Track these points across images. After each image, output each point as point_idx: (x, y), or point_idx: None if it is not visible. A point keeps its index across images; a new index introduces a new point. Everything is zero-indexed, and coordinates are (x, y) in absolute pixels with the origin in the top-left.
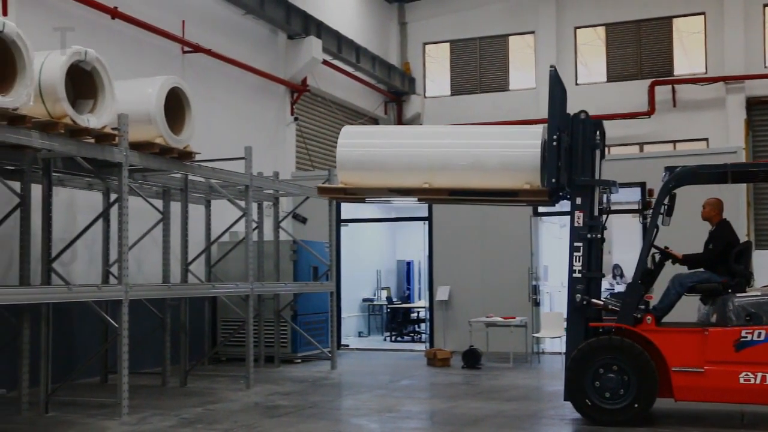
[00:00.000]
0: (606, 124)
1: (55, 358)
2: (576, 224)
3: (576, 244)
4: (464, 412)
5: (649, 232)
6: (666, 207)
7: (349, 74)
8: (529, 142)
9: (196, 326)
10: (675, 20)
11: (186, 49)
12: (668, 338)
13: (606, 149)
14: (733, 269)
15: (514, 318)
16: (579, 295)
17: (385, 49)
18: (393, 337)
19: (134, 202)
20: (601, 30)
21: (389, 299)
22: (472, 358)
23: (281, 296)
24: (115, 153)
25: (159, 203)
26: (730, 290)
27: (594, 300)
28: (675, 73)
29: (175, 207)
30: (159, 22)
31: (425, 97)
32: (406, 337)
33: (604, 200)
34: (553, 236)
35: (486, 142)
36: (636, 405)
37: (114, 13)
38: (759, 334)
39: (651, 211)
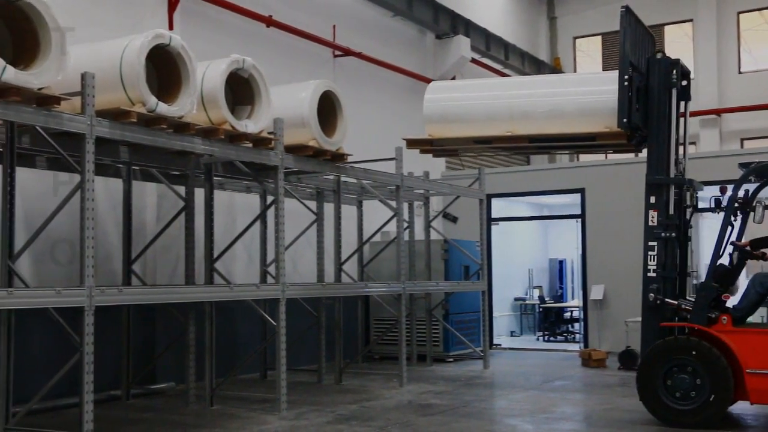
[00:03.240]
0: None
1: (218, 354)
2: (650, 223)
3: (650, 243)
4: (621, 415)
5: (722, 231)
6: (741, 204)
7: (498, 71)
8: (606, 87)
9: (350, 325)
10: None
11: (337, 52)
12: (742, 339)
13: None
14: None
15: None
16: (652, 294)
17: (534, 44)
18: (546, 337)
19: (289, 204)
20: None
21: (541, 298)
22: (628, 359)
23: (433, 295)
24: (272, 156)
25: (313, 204)
26: None
27: (667, 300)
28: None
29: (329, 208)
30: (311, 28)
31: None
32: (559, 337)
33: (688, 198)
34: (715, 232)
35: (564, 89)
36: (711, 399)
37: (269, 22)
38: None
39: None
